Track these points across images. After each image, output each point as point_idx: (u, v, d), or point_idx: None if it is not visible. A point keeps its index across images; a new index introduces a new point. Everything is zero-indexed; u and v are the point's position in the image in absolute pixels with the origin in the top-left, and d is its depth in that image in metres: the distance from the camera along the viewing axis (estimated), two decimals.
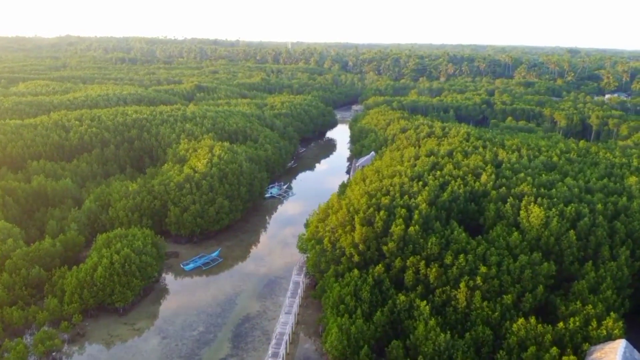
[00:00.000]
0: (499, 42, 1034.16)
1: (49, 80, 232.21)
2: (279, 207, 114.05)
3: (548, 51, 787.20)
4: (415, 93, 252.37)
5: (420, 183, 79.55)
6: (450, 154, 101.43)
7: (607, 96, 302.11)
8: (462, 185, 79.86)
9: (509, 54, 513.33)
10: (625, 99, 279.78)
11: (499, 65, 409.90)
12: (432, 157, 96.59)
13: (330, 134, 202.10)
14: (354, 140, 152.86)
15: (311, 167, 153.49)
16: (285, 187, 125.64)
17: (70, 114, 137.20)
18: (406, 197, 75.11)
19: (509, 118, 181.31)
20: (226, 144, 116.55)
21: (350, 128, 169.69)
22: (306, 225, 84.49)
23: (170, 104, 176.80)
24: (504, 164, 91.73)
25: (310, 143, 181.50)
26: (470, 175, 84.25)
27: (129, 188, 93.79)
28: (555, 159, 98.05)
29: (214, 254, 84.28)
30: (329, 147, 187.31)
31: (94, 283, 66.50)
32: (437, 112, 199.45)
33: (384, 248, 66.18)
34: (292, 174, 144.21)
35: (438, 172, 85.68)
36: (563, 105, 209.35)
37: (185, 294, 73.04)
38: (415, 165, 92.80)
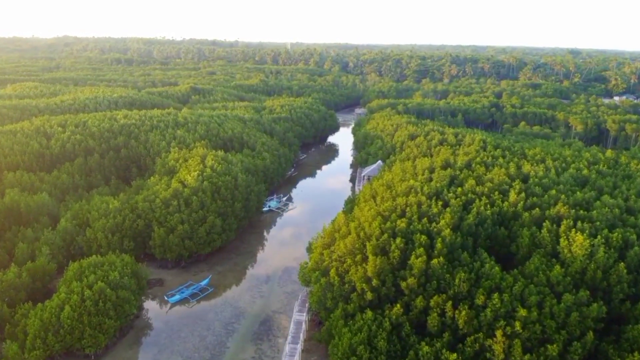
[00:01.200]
0: (498, 43, 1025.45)
1: (39, 82, 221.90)
2: (278, 222, 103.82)
3: (548, 52, 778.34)
4: (420, 95, 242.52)
5: (440, 203, 69.35)
6: (468, 166, 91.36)
7: (615, 98, 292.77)
8: (488, 206, 69.71)
9: (512, 54, 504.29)
10: (634, 101, 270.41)
11: (502, 66, 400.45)
12: (449, 169, 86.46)
13: (331, 139, 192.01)
14: (358, 146, 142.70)
15: (312, 175, 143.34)
16: (284, 199, 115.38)
17: (54, 119, 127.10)
18: (425, 220, 64.96)
19: (522, 123, 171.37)
20: (220, 152, 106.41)
21: (354, 134, 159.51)
22: (309, 250, 74.37)
23: (164, 107, 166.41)
24: (531, 179, 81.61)
25: (310, 148, 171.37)
26: (496, 192, 74.01)
27: (109, 205, 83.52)
28: (585, 172, 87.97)
29: (204, 283, 74.08)
30: (331, 152, 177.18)
31: (61, 325, 56.27)
32: (445, 115, 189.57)
33: (403, 284, 56.00)
34: (291, 183, 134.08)
35: (459, 189, 75.48)
36: (575, 108, 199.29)
37: (168, 335, 62.75)
38: (431, 180, 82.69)
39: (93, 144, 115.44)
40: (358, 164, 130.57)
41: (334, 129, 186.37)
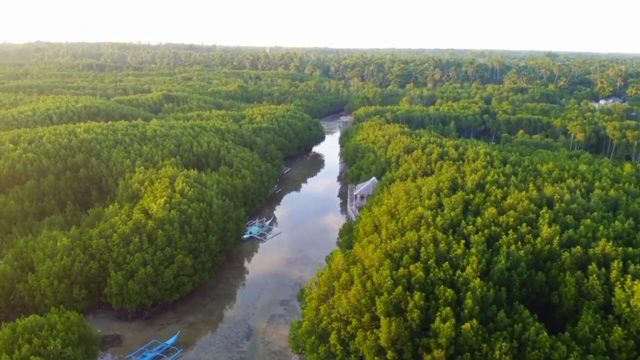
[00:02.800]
0: (476, 47, 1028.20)
1: (1, 92, 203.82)
2: (262, 253, 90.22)
3: (526, 55, 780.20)
4: (407, 101, 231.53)
5: (462, 241, 56.81)
6: (480, 187, 79.35)
7: (602, 101, 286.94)
8: (519, 243, 57.50)
9: (493, 58, 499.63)
10: (622, 104, 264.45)
11: (486, 70, 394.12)
12: (460, 192, 74.23)
13: (316, 148, 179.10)
14: (348, 160, 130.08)
15: (298, 192, 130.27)
16: (268, 223, 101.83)
17: (5, 134, 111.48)
18: (447, 265, 52.34)
19: (521, 131, 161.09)
20: (192, 172, 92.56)
21: (343, 145, 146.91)
22: (300, 299, 61.21)
23: (133, 118, 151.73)
24: (556, 204, 69.85)
25: (295, 160, 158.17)
26: (523, 224, 61.83)
27: (57, 243, 68.99)
28: (612, 192, 76.64)
29: (170, 342, 60.22)
30: (316, 164, 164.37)
31: None
32: (435, 123, 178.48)
33: (427, 358, 43.26)
34: (275, 201, 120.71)
35: (478, 220, 63.20)
36: (570, 114, 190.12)
37: None
38: (441, 205, 70.35)
39: (47, 163, 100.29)
40: (349, 180, 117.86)
41: (319, 138, 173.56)
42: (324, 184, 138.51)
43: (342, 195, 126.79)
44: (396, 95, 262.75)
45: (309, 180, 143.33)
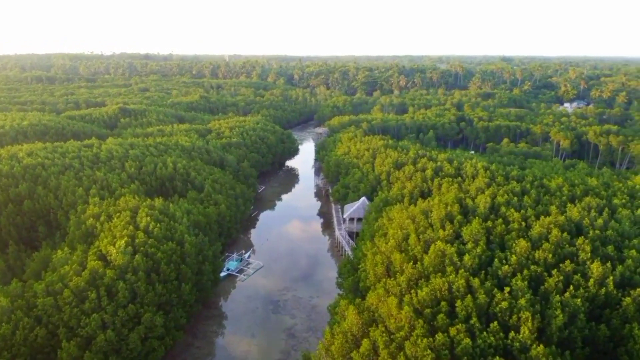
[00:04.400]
0: (434, 52, 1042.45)
1: None
2: (242, 293, 77.33)
3: (481, 59, 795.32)
4: (379, 110, 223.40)
5: (507, 289, 46.28)
6: (494, 211, 69.76)
7: (566, 104, 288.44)
8: (570, 288, 47.54)
9: (452, 63, 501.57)
10: (585, 106, 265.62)
11: (449, 76, 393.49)
12: (476, 219, 64.22)
13: (288, 162, 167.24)
14: (330, 177, 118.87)
15: (276, 214, 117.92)
16: (247, 255, 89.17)
17: None
18: (495, 326, 41.71)
19: (506, 140, 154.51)
20: (158, 201, 79.07)
21: (322, 160, 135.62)
22: None
23: (86, 136, 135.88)
24: (590, 230, 60.81)
25: (268, 177, 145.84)
26: (567, 262, 52.05)
27: None
28: (639, 212, 68.55)
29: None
30: (291, 180, 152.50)
31: None
32: (412, 132, 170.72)
33: None
34: (251, 225, 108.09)
35: (512, 257, 53.09)
36: (546, 119, 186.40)
37: None
38: (459, 237, 60.14)
39: None
40: (334, 199, 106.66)
41: (293, 152, 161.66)
42: (302, 202, 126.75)
43: (324, 215, 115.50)
44: (365, 104, 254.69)
45: (286, 198, 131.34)
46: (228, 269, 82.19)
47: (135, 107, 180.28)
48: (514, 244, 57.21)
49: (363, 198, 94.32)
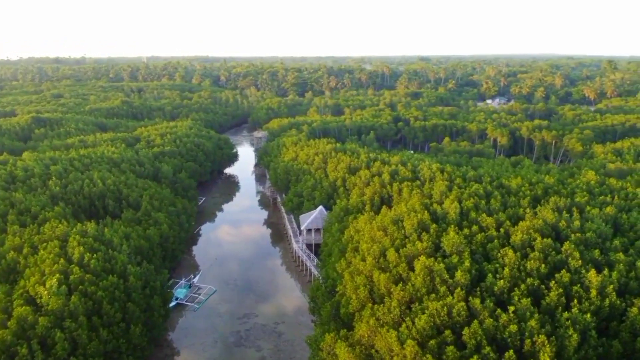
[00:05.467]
0: (356, 53, 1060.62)
1: None
2: (196, 325, 68.10)
3: (401, 59, 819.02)
4: (315, 112, 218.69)
5: (511, 308, 41.85)
6: (463, 216, 66.30)
7: (488, 101, 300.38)
8: (574, 302, 44.13)
9: (374, 63, 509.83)
10: (506, 102, 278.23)
11: (377, 76, 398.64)
12: (452, 227, 60.15)
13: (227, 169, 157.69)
14: (280, 184, 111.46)
15: (220, 228, 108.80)
16: (196, 279, 79.82)
17: None
18: (511, 354, 37.03)
19: (447, 139, 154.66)
20: (90, 226, 68.16)
21: (268, 166, 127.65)
22: None
23: None
24: (571, 234, 58.59)
25: (207, 187, 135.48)
26: (563, 272, 48.74)
27: None
28: (609, 209, 67.42)
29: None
30: (232, 188, 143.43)
31: None
32: (352, 134, 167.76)
33: None
34: (193, 242, 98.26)
35: (504, 271, 49.06)
36: (478, 117, 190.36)
37: None
38: (438, 249, 55.65)
39: None
40: (287, 209, 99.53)
41: (232, 158, 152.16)
42: (247, 213, 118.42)
43: (274, 226, 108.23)
44: (299, 105, 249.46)
45: (229, 210, 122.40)
46: (177, 298, 72.50)
47: (50, 115, 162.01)
48: (498, 254, 53.65)
49: (320, 207, 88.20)
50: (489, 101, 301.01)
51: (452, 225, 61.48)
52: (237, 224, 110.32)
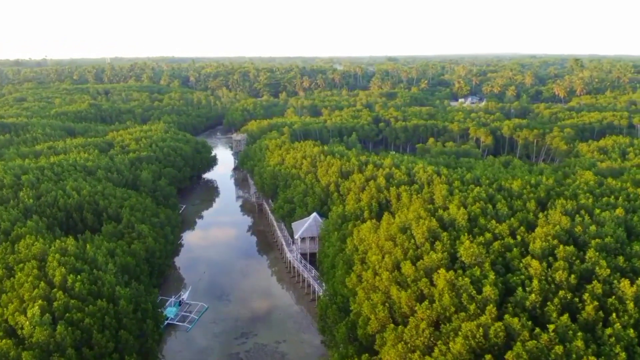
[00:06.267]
0: (324, 54, 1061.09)
1: None
2: (190, 348, 62.80)
3: (369, 60, 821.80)
4: (293, 113, 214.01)
5: (551, 326, 38.69)
6: (472, 222, 63.30)
7: (461, 100, 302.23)
8: (613, 316, 41.34)
9: (343, 64, 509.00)
10: (479, 102, 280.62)
11: (350, 77, 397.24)
12: (466, 236, 56.97)
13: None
14: (267, 190, 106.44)
15: (205, 238, 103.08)
16: (185, 296, 74.17)
17: None
18: None
19: (431, 140, 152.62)
20: (70, 242, 62.02)
21: (252, 171, 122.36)
22: None
23: None
24: (585, 239, 56.24)
25: (187, 193, 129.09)
26: (595, 283, 46.06)
27: None
28: (619, 211, 65.58)
29: None
30: (211, 194, 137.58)
31: None
32: (334, 136, 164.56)
33: None
34: (176, 254, 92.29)
35: (534, 283, 45.98)
36: (457, 116, 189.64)
37: None
38: (455, 259, 52.28)
39: None
40: (278, 217, 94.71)
41: (211, 162, 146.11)
42: (231, 220, 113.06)
43: (261, 234, 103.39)
44: (275, 106, 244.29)
45: (211, 217, 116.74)
46: (167, 318, 67.05)
47: (14, 120, 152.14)
48: (520, 264, 50.66)
49: (314, 214, 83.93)
50: (461, 100, 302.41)
51: (465, 233, 58.34)
52: (221, 233, 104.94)
